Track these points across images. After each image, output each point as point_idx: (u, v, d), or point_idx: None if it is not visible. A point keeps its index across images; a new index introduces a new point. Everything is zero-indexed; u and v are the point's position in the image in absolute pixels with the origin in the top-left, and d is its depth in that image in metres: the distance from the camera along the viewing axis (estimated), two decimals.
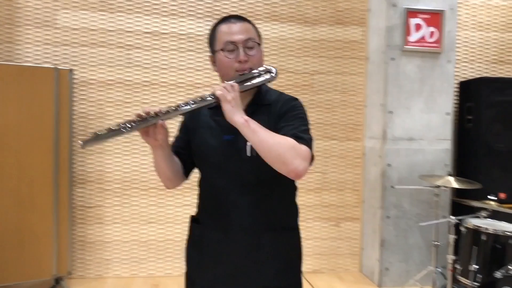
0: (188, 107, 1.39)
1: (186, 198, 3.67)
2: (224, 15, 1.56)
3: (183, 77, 3.64)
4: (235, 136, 1.43)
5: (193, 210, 1.59)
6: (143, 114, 1.36)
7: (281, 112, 1.46)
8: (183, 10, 3.62)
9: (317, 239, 3.86)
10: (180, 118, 1.55)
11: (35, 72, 3.14)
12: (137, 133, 1.39)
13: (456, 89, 3.90)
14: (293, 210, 1.56)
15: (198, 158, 1.54)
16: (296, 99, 1.51)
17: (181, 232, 3.68)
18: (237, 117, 1.34)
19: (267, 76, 1.43)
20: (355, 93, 3.88)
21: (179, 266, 3.66)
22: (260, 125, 1.36)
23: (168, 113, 1.38)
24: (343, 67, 3.86)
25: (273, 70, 1.43)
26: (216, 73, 1.52)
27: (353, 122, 3.88)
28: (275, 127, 1.42)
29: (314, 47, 3.79)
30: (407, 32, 3.49)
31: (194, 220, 1.58)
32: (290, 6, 3.74)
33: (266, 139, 1.34)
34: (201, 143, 1.51)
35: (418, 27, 3.51)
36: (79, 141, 1.39)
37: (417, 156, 3.55)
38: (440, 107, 3.57)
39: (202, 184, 1.57)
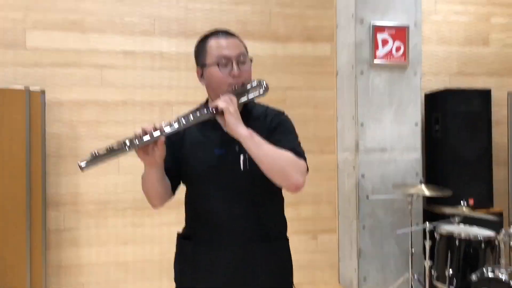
0: (189, 121, 1.40)
1: (163, 217, 3.64)
2: (196, 33, 1.59)
3: (156, 96, 3.65)
4: (226, 150, 1.46)
5: (170, 229, 1.61)
6: (145, 132, 1.36)
7: (271, 126, 1.50)
8: (156, 29, 3.64)
9: (295, 253, 3.87)
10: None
11: (6, 93, 3.09)
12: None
13: (422, 101, 4.05)
14: (283, 221, 1.60)
15: (187, 173, 1.55)
16: (283, 113, 1.56)
17: (160, 251, 3.64)
18: (241, 129, 1.37)
19: (260, 90, 1.47)
20: (327, 107, 3.97)
21: (159, 286, 3.61)
22: (261, 138, 1.39)
23: (170, 128, 1.38)
24: (314, 82, 3.95)
25: (264, 83, 1.47)
26: (191, 89, 1.55)
27: (326, 136, 3.96)
28: (268, 135, 1.46)
29: (285, 63, 3.88)
30: (375, 46, 3.61)
31: (182, 237, 1.58)
32: (262, 24, 3.82)
33: (269, 152, 1.38)
34: (190, 158, 1.52)
35: (384, 42, 3.64)
36: (79, 163, 1.37)
37: (389, 166, 3.65)
38: (409, 118, 3.69)
39: (190, 199, 1.58)
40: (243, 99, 1.46)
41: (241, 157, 1.44)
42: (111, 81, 3.57)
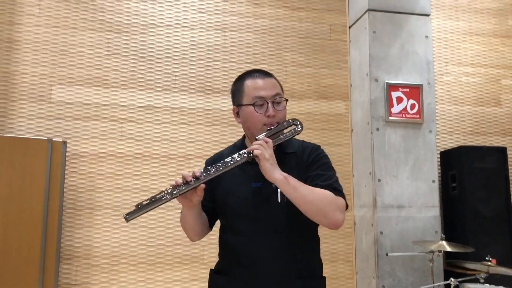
0: (226, 167, 1.42)
1: (176, 273, 3.55)
2: (216, 90, 1.65)
3: (175, 149, 3.69)
4: (264, 183, 1.46)
5: (183, 286, 1.59)
6: (186, 180, 1.38)
7: (309, 160, 1.52)
8: (176, 85, 3.76)
9: None
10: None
11: (29, 143, 3.14)
12: (125, 205, 1.40)
13: (437, 159, 4.06)
14: (318, 260, 1.57)
15: (223, 207, 1.55)
16: (319, 147, 1.58)
17: None
18: (277, 174, 1.39)
19: (294, 128, 1.50)
20: (342, 163, 3.98)
21: None
22: (297, 180, 1.40)
23: (208, 176, 1.40)
24: (329, 139, 3.99)
25: (298, 122, 1.50)
26: (208, 143, 1.59)
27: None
28: (305, 175, 1.46)
29: (301, 120, 3.92)
30: (390, 104, 3.69)
31: (215, 271, 1.56)
32: None
33: (306, 194, 1.38)
34: (227, 192, 1.53)
35: (399, 99, 3.72)
36: (124, 215, 1.41)
37: (408, 223, 3.60)
38: (426, 175, 3.69)
39: (224, 234, 1.57)
40: (278, 140, 1.48)
41: (279, 190, 1.44)
42: (130, 134, 3.63)
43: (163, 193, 1.38)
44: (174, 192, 1.37)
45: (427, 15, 3.88)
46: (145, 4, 3.79)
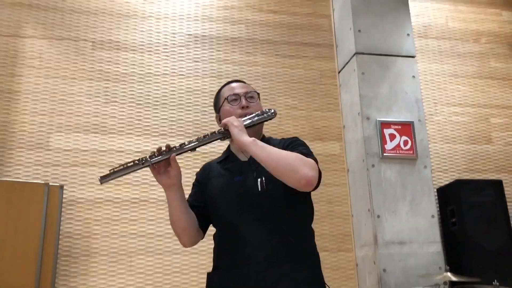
0: (199, 142, 1.48)
1: None
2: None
3: None
4: (245, 176, 1.50)
5: None
6: (159, 150, 1.43)
7: (285, 146, 1.56)
8: (173, 131, 3.83)
9: None
10: (193, 175, 1.60)
11: (26, 187, 3.13)
12: (122, 251, 1.43)
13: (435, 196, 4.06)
14: (312, 247, 1.56)
15: (213, 205, 1.57)
16: (297, 137, 1.63)
17: None
18: (245, 137, 1.45)
19: (266, 114, 1.56)
20: (341, 204, 3.97)
21: None
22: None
23: (181, 148, 1.45)
24: (325, 179, 4.00)
25: (272, 109, 1.57)
26: None
27: (342, 232, 3.90)
28: None
29: None
30: (383, 141, 3.75)
31: (210, 272, 1.56)
32: (271, 124, 4.02)
33: (274, 152, 1.43)
34: (214, 189, 1.58)
35: (392, 136, 3.79)
36: (99, 177, 1.46)
37: (410, 259, 3.53)
38: (425, 210, 3.67)
39: (216, 231, 1.59)
40: (251, 123, 1.53)
41: (258, 180, 1.47)
42: (127, 180, 3.63)
43: (137, 160, 1.42)
44: (146, 160, 1.41)
45: (413, 57, 4.05)
46: (142, 54, 3.95)
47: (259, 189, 1.50)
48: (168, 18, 4.10)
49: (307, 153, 1.51)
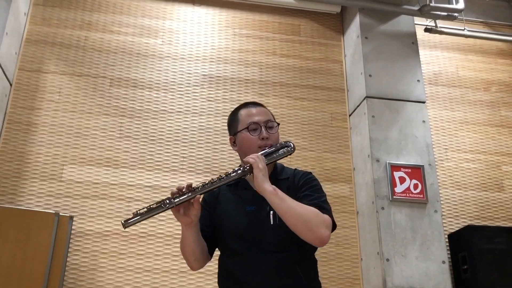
0: (221, 181, 1.49)
1: None
2: (222, 171, 1.78)
3: (180, 229, 3.67)
4: (258, 207, 1.51)
5: None
6: (181, 191, 1.44)
7: (299, 184, 1.58)
8: (184, 167, 3.87)
9: None
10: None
11: (36, 216, 3.17)
12: (127, 286, 1.45)
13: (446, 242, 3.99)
14: (316, 279, 1.54)
15: (221, 231, 1.57)
16: (310, 172, 1.64)
17: None
18: (267, 185, 1.46)
19: (286, 149, 1.58)
20: (350, 246, 3.92)
21: None
22: (285, 194, 1.45)
23: (204, 188, 1.46)
24: (336, 221, 3.96)
25: (291, 144, 1.60)
26: None
27: (351, 276, 3.82)
28: (295, 193, 1.51)
29: None
30: (393, 183, 3.74)
31: None
32: (283, 162, 4.04)
33: (293, 207, 1.43)
34: (224, 216, 1.57)
35: (402, 179, 3.78)
36: (122, 221, 1.50)
37: None
38: (435, 255, 3.60)
39: (222, 257, 1.58)
40: (272, 159, 1.56)
41: (271, 212, 1.48)
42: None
43: (160, 203, 1.43)
44: (174, 200, 1.42)
45: (423, 102, 4.11)
46: (157, 92, 4.06)
47: (271, 222, 1.50)
48: (184, 59, 4.24)
49: (324, 206, 1.51)
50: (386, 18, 4.34)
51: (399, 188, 3.74)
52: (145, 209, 1.44)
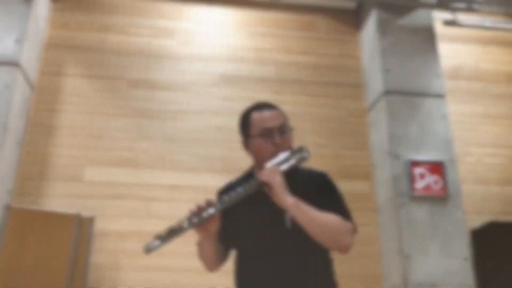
0: (238, 196, 1.48)
1: None
2: (240, 170, 1.75)
3: None
4: (272, 209, 1.49)
5: None
6: (200, 210, 1.44)
7: (316, 184, 1.56)
8: (201, 166, 3.90)
9: None
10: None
11: (58, 218, 3.23)
12: (149, 285, 1.45)
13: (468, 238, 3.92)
14: (332, 281, 1.53)
15: (236, 234, 1.57)
16: (326, 174, 1.63)
17: None
18: (288, 199, 1.44)
19: (301, 155, 1.56)
20: (370, 244, 3.88)
21: None
22: (307, 204, 1.44)
23: (223, 204, 1.46)
24: (356, 218, 3.93)
25: (304, 149, 1.58)
26: None
27: (372, 273, 3.79)
28: (312, 199, 1.49)
29: None
30: (412, 180, 3.69)
31: None
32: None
33: (316, 218, 1.42)
34: (238, 219, 1.57)
35: (422, 175, 3.73)
36: (144, 248, 1.48)
37: None
38: (457, 252, 3.55)
39: (238, 262, 1.58)
40: (286, 166, 1.53)
41: (286, 215, 1.47)
42: (156, 213, 3.70)
43: (181, 224, 1.42)
44: (192, 222, 1.41)
45: (442, 97, 4.04)
46: (174, 93, 4.10)
47: (286, 224, 1.50)
48: (200, 59, 4.26)
49: (344, 212, 1.51)
50: (403, 12, 4.28)
51: (419, 184, 3.70)
52: (167, 232, 1.44)
